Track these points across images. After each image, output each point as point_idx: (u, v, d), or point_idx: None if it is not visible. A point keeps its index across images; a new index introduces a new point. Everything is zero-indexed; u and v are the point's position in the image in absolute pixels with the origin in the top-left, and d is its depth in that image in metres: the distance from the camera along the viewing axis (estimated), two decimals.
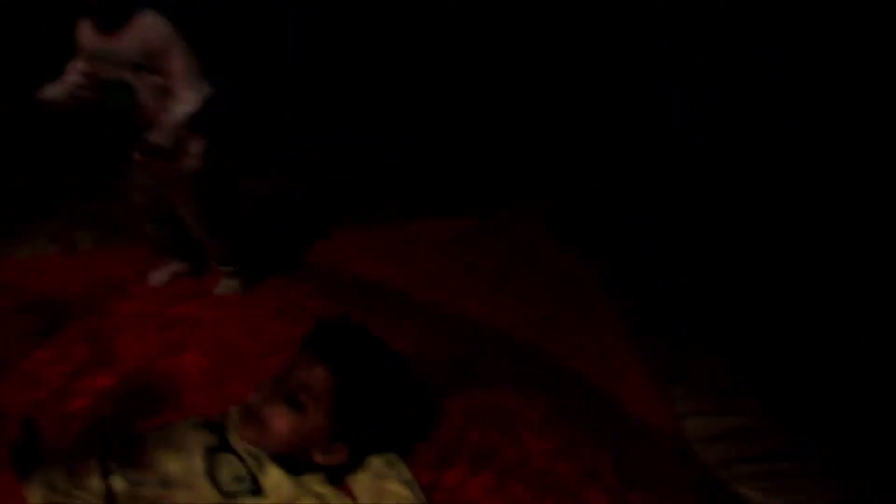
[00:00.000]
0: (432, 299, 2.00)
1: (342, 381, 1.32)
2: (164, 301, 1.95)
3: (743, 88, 3.14)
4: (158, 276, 2.01)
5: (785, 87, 3.08)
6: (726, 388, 1.83)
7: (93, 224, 2.30)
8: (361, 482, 1.34)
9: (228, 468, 1.28)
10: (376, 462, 1.36)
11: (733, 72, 3.22)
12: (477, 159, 2.72)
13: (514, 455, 1.42)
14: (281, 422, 1.30)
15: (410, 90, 3.17)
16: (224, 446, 1.31)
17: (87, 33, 1.67)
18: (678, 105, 3.04)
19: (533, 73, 3.32)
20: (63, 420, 1.51)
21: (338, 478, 1.35)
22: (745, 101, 3.07)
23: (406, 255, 2.23)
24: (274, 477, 1.28)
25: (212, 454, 1.29)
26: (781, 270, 2.16)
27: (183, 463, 1.27)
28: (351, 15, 3.54)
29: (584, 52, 3.40)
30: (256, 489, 1.27)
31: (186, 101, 1.67)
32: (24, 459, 1.25)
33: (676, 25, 3.42)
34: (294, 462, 1.31)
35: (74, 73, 1.70)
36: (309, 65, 3.33)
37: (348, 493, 1.33)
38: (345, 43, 3.45)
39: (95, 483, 1.23)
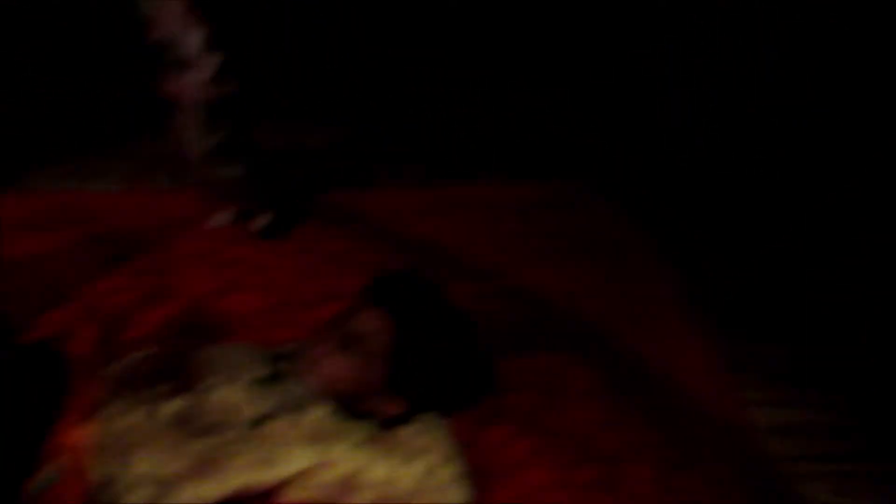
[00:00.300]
0: (488, 262, 1.88)
1: (401, 333, 1.20)
2: (224, 242, 1.86)
3: (743, 88, 2.98)
4: (219, 218, 1.89)
5: (785, 87, 2.93)
6: (792, 380, 1.64)
7: (163, 164, 2.19)
8: (398, 434, 1.23)
9: (278, 394, 1.18)
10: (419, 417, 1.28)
11: (733, 72, 3.05)
12: (478, 159, 2.55)
13: (559, 421, 1.37)
14: (332, 366, 1.20)
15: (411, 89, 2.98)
16: (275, 377, 1.21)
17: None
18: (678, 105, 2.88)
19: (533, 73, 3.13)
20: (122, 348, 1.41)
21: (384, 427, 1.24)
22: (745, 101, 2.91)
23: (465, 216, 2.09)
24: (317, 414, 1.17)
25: (260, 382, 1.19)
26: (782, 270, 2.03)
27: (229, 384, 1.17)
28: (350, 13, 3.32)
29: (584, 52, 3.21)
30: (300, 418, 1.16)
31: None
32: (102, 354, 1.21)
33: (676, 25, 3.23)
34: (346, 407, 1.20)
35: None
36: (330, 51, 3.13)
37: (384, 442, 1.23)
38: (342, 39, 3.25)
39: (152, 398, 1.15)
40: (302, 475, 1.09)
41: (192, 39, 1.59)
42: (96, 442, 1.04)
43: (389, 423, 1.22)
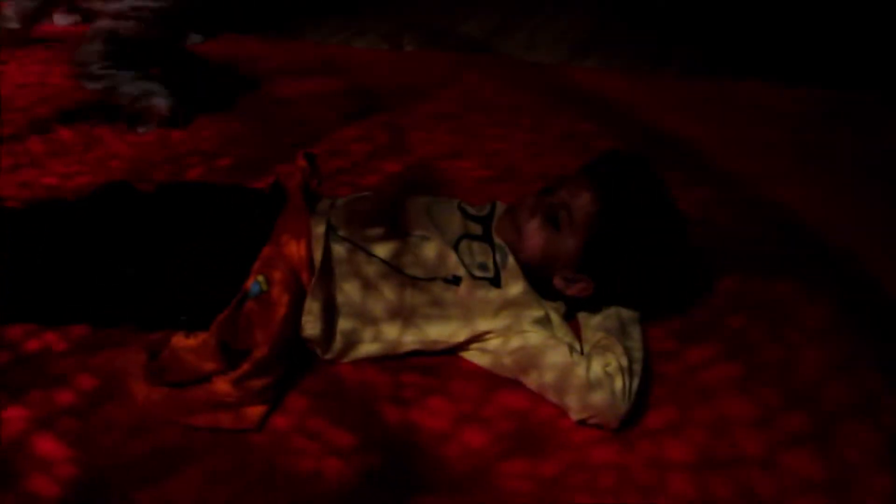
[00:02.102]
0: (735, 169, 1.56)
1: (605, 212, 1.05)
2: (462, 106, 1.77)
3: None
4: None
5: None
6: None
7: (417, 29, 2.14)
8: (589, 327, 1.09)
9: (478, 254, 1.09)
10: (612, 312, 1.09)
11: None
12: (752, 56, 2.10)
13: (775, 356, 1.06)
14: (533, 232, 1.08)
15: None
16: (480, 238, 1.12)
17: None
18: None
19: None
20: (354, 189, 1.41)
21: (571, 313, 1.11)
22: None
23: (723, 117, 1.77)
24: (514, 283, 1.06)
25: (465, 241, 1.10)
26: None
27: (438, 239, 1.09)
28: None
29: None
30: (496, 282, 1.07)
31: None
32: (308, 191, 1.14)
33: None
34: (536, 280, 1.08)
35: None
36: None
37: (576, 329, 1.08)
38: None
39: (366, 237, 1.09)
40: (487, 338, 1.03)
41: None
42: (309, 262, 1.02)
43: (574, 306, 1.10)
